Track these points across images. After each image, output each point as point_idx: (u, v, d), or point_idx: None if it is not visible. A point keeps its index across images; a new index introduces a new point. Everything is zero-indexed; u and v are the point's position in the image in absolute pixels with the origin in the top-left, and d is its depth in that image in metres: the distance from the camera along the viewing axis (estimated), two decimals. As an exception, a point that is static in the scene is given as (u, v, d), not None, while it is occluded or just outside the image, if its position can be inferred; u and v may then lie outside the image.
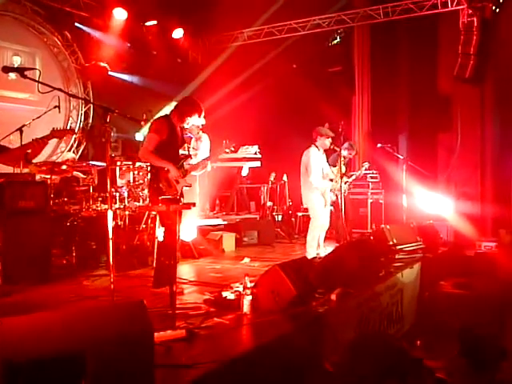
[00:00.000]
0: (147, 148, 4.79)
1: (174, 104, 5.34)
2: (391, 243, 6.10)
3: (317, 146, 6.78)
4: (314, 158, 6.72)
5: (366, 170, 7.86)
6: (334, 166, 7.07)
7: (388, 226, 6.40)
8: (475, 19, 8.87)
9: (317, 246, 6.77)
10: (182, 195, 5.07)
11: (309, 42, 10.98)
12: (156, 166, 4.84)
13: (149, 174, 7.15)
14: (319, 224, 6.71)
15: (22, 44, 9.08)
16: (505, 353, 3.49)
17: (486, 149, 9.47)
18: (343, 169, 6.88)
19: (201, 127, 8.90)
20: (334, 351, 3.67)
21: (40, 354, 2.00)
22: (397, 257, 5.98)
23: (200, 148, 8.78)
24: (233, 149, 6.42)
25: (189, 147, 5.94)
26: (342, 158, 6.85)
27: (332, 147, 6.87)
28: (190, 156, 5.47)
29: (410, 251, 6.26)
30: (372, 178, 9.60)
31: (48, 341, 2.07)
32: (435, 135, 10.27)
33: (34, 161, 6.05)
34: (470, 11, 8.93)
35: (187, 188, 5.13)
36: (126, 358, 2.25)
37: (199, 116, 5.10)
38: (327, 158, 7.04)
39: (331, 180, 6.92)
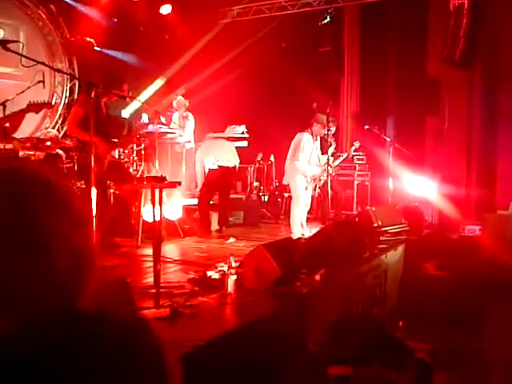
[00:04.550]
0: (72, 122, 4.98)
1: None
2: (376, 225, 6.13)
3: (312, 131, 6.87)
4: (305, 142, 6.83)
5: (355, 149, 7.88)
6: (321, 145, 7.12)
7: (373, 208, 6.43)
8: (466, 2, 8.81)
9: (300, 226, 6.84)
10: (112, 169, 5.28)
11: (299, 20, 10.87)
12: (82, 139, 4.96)
13: (134, 152, 7.15)
14: (300, 203, 6.80)
15: (4, 17, 8.83)
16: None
17: (473, 133, 9.49)
18: (331, 160, 6.98)
19: (187, 105, 8.85)
20: (317, 331, 3.70)
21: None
22: (381, 238, 6.01)
23: (186, 125, 8.75)
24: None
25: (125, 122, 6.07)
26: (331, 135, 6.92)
27: (326, 137, 6.94)
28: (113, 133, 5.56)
29: (394, 233, 6.30)
30: (359, 159, 9.62)
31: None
32: (423, 118, 10.26)
33: (18, 137, 5.99)
34: (461, -7, 8.88)
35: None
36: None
37: (123, 89, 5.16)
38: (321, 146, 7.10)
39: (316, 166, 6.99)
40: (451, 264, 6.08)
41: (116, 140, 5.49)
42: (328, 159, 6.86)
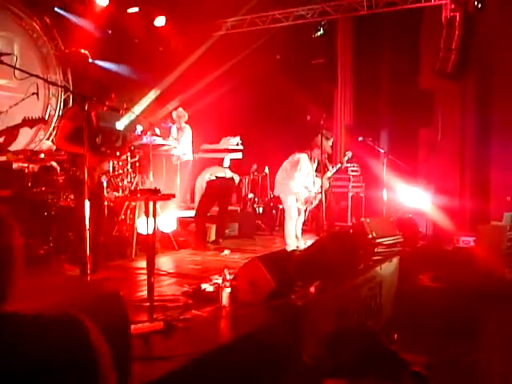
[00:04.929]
0: (61, 135, 4.96)
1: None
2: (371, 236, 6.13)
3: (311, 155, 6.88)
4: (303, 163, 6.89)
5: (348, 159, 7.89)
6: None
7: (368, 220, 6.43)
8: (458, 14, 8.90)
9: (295, 238, 6.83)
10: (100, 184, 5.31)
11: (293, 33, 10.94)
12: (72, 152, 4.96)
13: (129, 164, 7.13)
14: (293, 214, 6.79)
15: (-1, 29, 8.86)
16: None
17: (466, 144, 9.55)
18: (326, 184, 6.99)
19: (186, 119, 8.86)
20: (311, 343, 3.68)
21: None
22: (376, 250, 6.00)
23: (181, 137, 8.75)
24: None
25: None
26: (326, 155, 6.94)
27: (324, 159, 6.97)
28: (105, 145, 5.55)
29: (389, 245, 6.29)
30: (353, 171, 9.64)
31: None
32: (416, 130, 10.33)
33: (12, 149, 5.97)
34: (453, 6, 8.97)
35: (104, 175, 5.55)
36: (101, 351, 2.21)
37: (111, 100, 5.12)
38: (317, 169, 7.12)
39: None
40: (446, 275, 6.08)
41: (108, 151, 5.48)
42: (322, 185, 6.87)
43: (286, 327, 3.60)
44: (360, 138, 8.06)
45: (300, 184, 6.83)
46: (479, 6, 8.96)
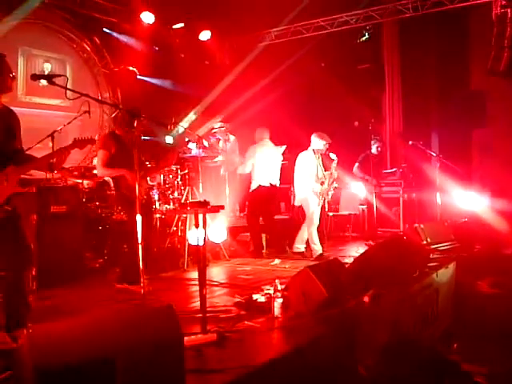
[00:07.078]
0: (100, 164, 5.16)
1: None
2: (425, 242, 5.98)
3: (313, 150, 7.00)
4: (306, 160, 6.98)
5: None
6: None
7: (422, 225, 6.27)
8: (509, 10, 8.61)
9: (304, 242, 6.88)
10: (149, 198, 5.67)
11: (337, 39, 10.87)
12: (114, 176, 5.19)
13: (179, 177, 7.25)
14: (315, 221, 6.86)
15: (52, 51, 9.22)
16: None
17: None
18: (335, 174, 6.98)
19: (224, 129, 8.92)
20: (367, 354, 3.60)
21: (70, 361, 1.99)
22: (431, 256, 5.85)
23: (228, 149, 8.82)
24: None
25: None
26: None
27: (327, 153, 6.97)
28: (144, 163, 5.61)
29: (444, 250, 6.12)
30: (405, 175, 9.42)
31: (78, 347, 2.07)
32: (469, 132, 10.03)
33: (67, 165, 6.17)
34: (504, 2, 8.67)
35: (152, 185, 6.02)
36: (156, 363, 2.23)
37: (133, 121, 5.13)
38: (323, 163, 7.12)
39: (322, 183, 6.98)
40: (505, 281, 5.85)
41: (153, 165, 5.67)
42: (331, 173, 6.83)
43: (340, 338, 3.53)
44: (410, 142, 7.90)
45: (312, 179, 6.88)
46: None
